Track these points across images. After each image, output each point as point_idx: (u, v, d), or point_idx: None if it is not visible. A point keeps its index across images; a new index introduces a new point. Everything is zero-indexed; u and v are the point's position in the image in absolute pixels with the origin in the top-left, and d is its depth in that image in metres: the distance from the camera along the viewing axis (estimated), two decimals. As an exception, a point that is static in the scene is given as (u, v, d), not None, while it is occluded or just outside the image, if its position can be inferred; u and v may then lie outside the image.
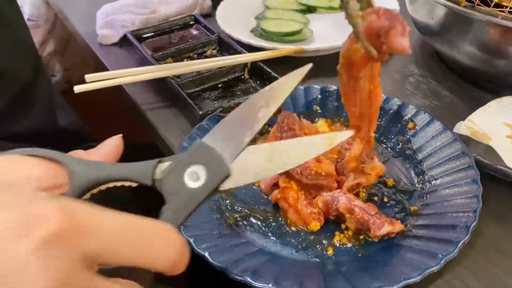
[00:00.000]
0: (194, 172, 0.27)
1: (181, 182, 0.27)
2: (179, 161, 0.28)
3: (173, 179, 0.27)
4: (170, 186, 0.27)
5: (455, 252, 0.35)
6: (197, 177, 0.27)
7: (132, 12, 0.74)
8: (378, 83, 0.39)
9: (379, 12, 0.33)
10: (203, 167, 0.28)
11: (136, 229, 0.22)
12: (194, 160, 0.28)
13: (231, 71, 0.62)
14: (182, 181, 0.27)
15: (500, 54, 0.50)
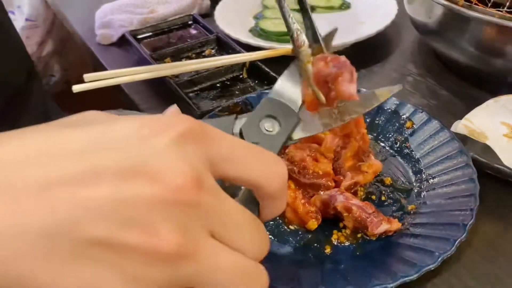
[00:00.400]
0: (269, 123, 0.30)
1: (260, 131, 0.30)
2: (253, 116, 0.30)
3: (252, 130, 0.29)
4: (251, 136, 0.29)
5: (452, 250, 0.35)
6: (272, 127, 0.30)
7: (130, 12, 0.75)
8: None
9: (327, 59, 0.35)
10: (275, 119, 0.30)
11: (250, 145, 0.23)
12: (266, 113, 0.30)
13: (230, 70, 0.62)
14: (260, 131, 0.30)
15: (497, 53, 0.51)
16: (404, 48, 0.68)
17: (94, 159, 0.19)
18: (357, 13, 0.74)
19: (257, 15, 0.75)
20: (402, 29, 0.70)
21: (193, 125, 0.21)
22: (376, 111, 0.51)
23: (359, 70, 0.64)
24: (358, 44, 0.65)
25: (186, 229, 0.19)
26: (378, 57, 0.65)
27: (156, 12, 0.74)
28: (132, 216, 0.18)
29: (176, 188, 0.19)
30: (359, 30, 0.66)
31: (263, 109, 0.31)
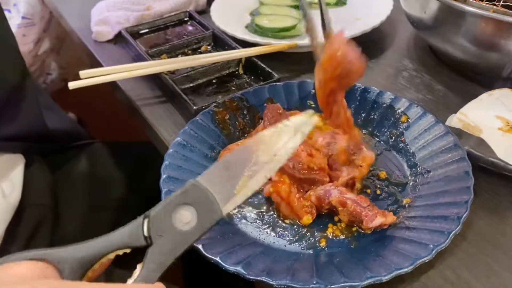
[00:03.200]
0: (184, 214, 0.27)
1: (170, 223, 0.26)
2: (169, 202, 0.27)
3: (161, 219, 0.26)
4: (158, 226, 0.26)
5: (446, 243, 0.36)
6: (187, 219, 0.27)
7: (126, 9, 0.74)
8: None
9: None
10: (194, 209, 0.27)
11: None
12: (184, 201, 0.27)
13: (226, 66, 0.62)
14: (171, 223, 0.26)
15: (492, 47, 0.51)
16: (400, 43, 0.68)
17: None
18: (353, 9, 0.74)
19: (253, 12, 0.75)
20: (398, 24, 0.71)
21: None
22: (371, 106, 0.51)
23: (355, 65, 0.64)
24: (354, 40, 0.64)
25: None
26: (374, 53, 0.65)
27: (152, 9, 0.74)
28: None
29: None
30: (355, 26, 0.66)
31: (183, 195, 0.27)
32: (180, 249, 0.26)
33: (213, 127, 0.50)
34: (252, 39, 0.65)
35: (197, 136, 0.48)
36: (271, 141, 0.31)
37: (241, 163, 0.30)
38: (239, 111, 0.52)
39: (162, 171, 0.43)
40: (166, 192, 0.41)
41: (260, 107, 0.53)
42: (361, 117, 0.51)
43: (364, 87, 0.52)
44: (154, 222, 0.26)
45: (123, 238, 0.26)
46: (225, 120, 0.51)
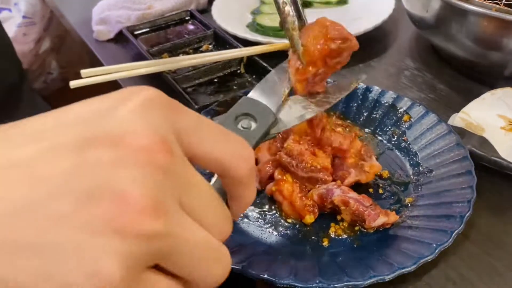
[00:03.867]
0: (245, 121, 0.30)
1: (235, 128, 0.30)
2: (229, 113, 0.30)
3: (227, 126, 0.29)
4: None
5: (449, 242, 0.36)
6: (248, 124, 0.30)
7: (127, 8, 0.74)
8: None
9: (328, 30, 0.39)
10: (252, 117, 0.30)
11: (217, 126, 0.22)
12: (243, 111, 0.30)
13: (227, 65, 0.62)
14: (236, 127, 0.30)
15: (494, 46, 0.51)
16: (402, 42, 0.68)
17: (53, 136, 0.18)
18: (355, 8, 0.74)
19: (254, 11, 0.75)
20: (400, 23, 0.70)
21: (158, 94, 0.20)
22: (373, 105, 0.51)
23: (357, 64, 0.64)
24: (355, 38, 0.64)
25: (157, 195, 0.18)
26: (376, 52, 0.65)
27: (153, 8, 0.74)
28: (97, 185, 0.17)
29: (141, 148, 0.18)
30: (357, 25, 0.66)
31: (240, 107, 0.31)
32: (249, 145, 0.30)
33: (215, 126, 0.49)
34: (254, 38, 0.65)
35: (199, 135, 0.48)
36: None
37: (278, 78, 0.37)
38: (240, 110, 0.52)
39: (164, 170, 0.43)
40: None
41: (261, 106, 0.52)
42: (363, 116, 0.51)
43: (366, 86, 0.52)
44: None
45: None
46: (227, 119, 0.51)
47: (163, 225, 0.18)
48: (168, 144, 0.19)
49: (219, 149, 0.21)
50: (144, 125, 0.18)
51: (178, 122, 0.20)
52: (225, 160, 0.21)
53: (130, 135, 0.18)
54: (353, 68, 0.63)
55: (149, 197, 0.17)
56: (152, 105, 0.19)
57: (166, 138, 0.19)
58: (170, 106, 0.20)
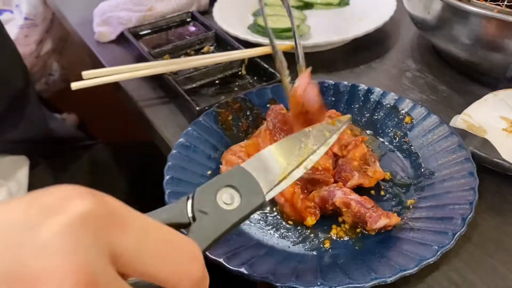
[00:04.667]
0: (228, 194, 0.27)
1: (214, 202, 0.27)
2: (213, 182, 0.27)
3: (205, 198, 0.27)
4: (202, 204, 0.26)
5: (451, 244, 0.35)
6: (230, 200, 0.27)
7: (129, 9, 0.74)
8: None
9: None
10: (237, 191, 0.27)
11: (166, 235, 0.20)
12: (229, 183, 0.27)
13: (228, 67, 0.62)
14: (215, 202, 0.27)
15: (496, 47, 0.51)
16: (403, 44, 0.67)
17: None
18: (356, 10, 0.74)
19: (256, 12, 0.75)
20: (401, 25, 0.70)
21: (96, 205, 0.17)
22: (374, 107, 0.51)
23: (358, 66, 0.64)
24: (357, 40, 0.65)
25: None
26: (377, 53, 0.65)
27: (155, 9, 0.74)
28: None
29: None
30: (358, 27, 0.66)
31: (228, 176, 0.28)
32: (222, 228, 0.26)
33: (216, 128, 0.49)
34: (255, 40, 0.65)
35: (200, 136, 0.48)
36: (312, 136, 0.33)
37: (284, 153, 0.31)
38: (242, 112, 0.52)
39: (165, 172, 0.43)
40: (169, 194, 0.41)
41: (263, 107, 0.52)
42: (365, 118, 0.51)
43: (368, 88, 0.52)
44: (198, 201, 0.27)
45: (168, 215, 0.26)
46: (228, 120, 0.51)
47: None
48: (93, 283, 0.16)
49: (163, 272, 0.19)
50: (66, 261, 0.16)
51: (115, 240, 0.18)
52: (167, 281, 0.19)
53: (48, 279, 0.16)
54: (355, 69, 0.63)
55: None
56: (83, 225, 0.17)
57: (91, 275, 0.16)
58: (108, 222, 0.18)
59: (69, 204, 0.17)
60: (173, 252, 0.20)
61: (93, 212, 0.17)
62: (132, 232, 0.18)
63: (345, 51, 0.66)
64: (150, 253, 0.19)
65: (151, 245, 0.19)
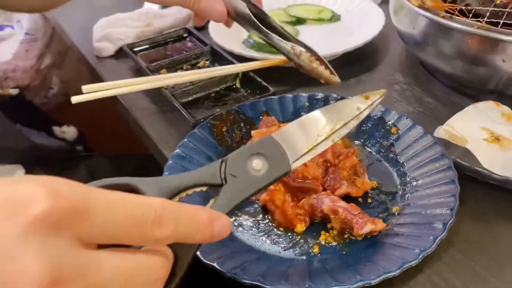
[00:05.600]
0: (258, 162, 0.30)
1: (244, 168, 0.30)
2: (245, 150, 0.30)
3: (237, 164, 0.30)
4: (233, 168, 0.29)
5: (432, 248, 0.37)
6: (259, 167, 0.30)
7: (127, 25, 0.77)
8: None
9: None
10: (266, 159, 0.30)
11: (128, 210, 0.22)
12: (258, 151, 0.30)
13: (223, 80, 0.64)
14: (245, 168, 0.30)
15: (478, 62, 0.53)
16: (392, 57, 0.70)
17: None
18: (347, 25, 0.77)
19: (250, 28, 0.78)
20: (390, 39, 0.73)
21: (55, 203, 0.18)
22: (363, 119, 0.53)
23: (348, 79, 0.66)
24: (347, 54, 0.67)
25: None
26: (367, 67, 0.68)
27: (152, 25, 0.77)
28: None
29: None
30: (349, 41, 0.69)
31: (259, 145, 0.31)
32: (249, 192, 0.30)
33: (211, 139, 0.51)
34: (249, 54, 0.67)
35: (196, 147, 0.50)
36: (341, 110, 0.36)
37: (314, 125, 0.34)
38: (236, 124, 0.54)
39: (161, 181, 0.45)
40: (166, 202, 0.43)
41: (256, 119, 0.55)
42: (354, 129, 0.53)
43: (356, 100, 0.54)
44: (230, 165, 0.30)
45: (202, 176, 0.29)
46: (223, 132, 0.53)
47: None
48: (60, 279, 0.18)
49: (131, 239, 0.22)
50: (30, 262, 0.17)
51: (79, 232, 0.19)
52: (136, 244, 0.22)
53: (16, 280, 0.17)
54: (346, 82, 0.65)
55: None
56: (45, 222, 0.18)
57: (55, 272, 0.18)
58: (69, 215, 0.19)
59: (29, 205, 0.18)
60: (136, 225, 0.22)
61: (54, 209, 0.18)
62: (95, 218, 0.20)
63: (336, 64, 0.68)
64: (115, 230, 0.21)
65: (116, 223, 0.21)
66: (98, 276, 0.20)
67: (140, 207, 0.22)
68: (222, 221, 0.26)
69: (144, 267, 0.22)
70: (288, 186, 0.44)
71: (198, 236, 0.25)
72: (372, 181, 0.47)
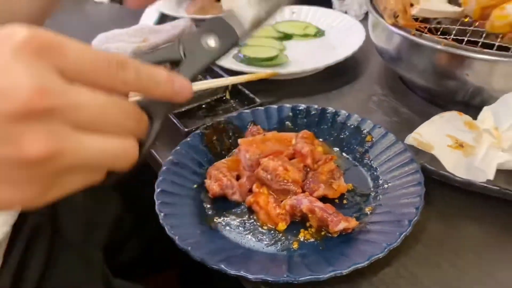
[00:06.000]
0: (210, 39, 0.35)
1: (199, 44, 0.34)
2: (197, 31, 0.35)
3: (193, 41, 0.34)
4: (190, 46, 0.34)
5: (398, 242, 0.42)
6: (211, 43, 0.35)
7: (124, 40, 0.82)
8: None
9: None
10: (217, 36, 0.35)
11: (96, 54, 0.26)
12: (210, 29, 0.35)
13: (214, 93, 0.69)
14: (200, 44, 0.34)
15: (446, 75, 0.58)
16: (371, 71, 0.75)
17: None
18: (330, 39, 0.82)
19: (240, 43, 0.83)
20: (370, 54, 0.78)
21: (34, 34, 0.22)
22: (341, 127, 0.58)
23: (330, 91, 0.71)
24: (330, 68, 0.72)
25: (48, 133, 0.22)
26: (348, 80, 0.73)
27: (148, 40, 0.82)
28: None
29: (23, 102, 0.21)
30: (331, 55, 0.74)
31: (210, 25, 0.35)
32: (205, 61, 0.34)
33: (202, 147, 0.56)
34: (238, 68, 0.72)
35: (188, 155, 0.54)
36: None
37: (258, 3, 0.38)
38: (225, 133, 0.59)
39: (156, 186, 0.49)
40: (160, 204, 0.47)
41: (244, 128, 0.59)
42: (333, 137, 0.58)
43: (335, 111, 0.59)
44: (187, 43, 0.34)
45: (164, 55, 0.34)
46: (213, 140, 0.57)
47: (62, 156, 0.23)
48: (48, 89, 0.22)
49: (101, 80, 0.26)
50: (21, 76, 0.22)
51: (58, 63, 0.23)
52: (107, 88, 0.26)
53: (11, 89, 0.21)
54: (328, 94, 0.70)
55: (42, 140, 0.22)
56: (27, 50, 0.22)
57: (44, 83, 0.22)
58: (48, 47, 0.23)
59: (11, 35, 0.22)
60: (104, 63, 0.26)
61: (34, 39, 0.22)
62: (69, 53, 0.24)
63: (319, 77, 0.74)
64: (87, 67, 0.25)
65: (87, 60, 0.25)
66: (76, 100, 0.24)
67: (105, 53, 0.27)
68: (182, 81, 0.30)
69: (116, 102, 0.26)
70: (271, 188, 0.49)
71: (160, 90, 0.29)
72: (348, 184, 0.51)
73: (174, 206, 0.48)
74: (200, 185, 0.52)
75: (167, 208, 0.47)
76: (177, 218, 0.46)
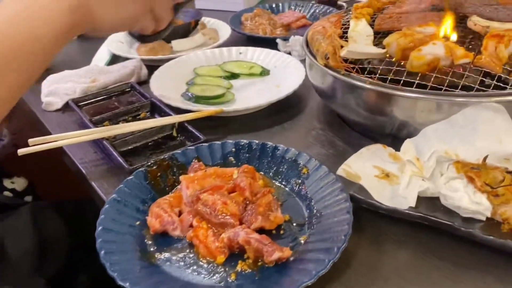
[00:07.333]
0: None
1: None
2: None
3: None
4: None
5: (326, 269, 0.44)
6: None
7: (74, 81, 0.84)
8: None
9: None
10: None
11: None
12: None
13: (161, 130, 0.71)
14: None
15: (375, 111, 0.63)
16: (311, 107, 0.80)
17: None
18: (275, 78, 0.87)
19: (189, 82, 0.86)
20: (310, 91, 0.83)
21: None
22: (280, 161, 0.61)
23: (273, 127, 0.75)
24: (272, 104, 0.76)
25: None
26: (290, 115, 0.77)
27: (98, 81, 0.84)
28: None
29: None
30: (275, 93, 0.78)
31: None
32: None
33: (145, 184, 0.58)
34: (185, 107, 0.75)
35: (131, 192, 0.56)
36: None
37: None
38: (169, 169, 0.61)
39: (98, 224, 0.51)
40: (101, 242, 0.48)
41: (188, 164, 0.62)
42: (273, 170, 0.61)
43: (275, 145, 0.62)
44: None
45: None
46: (157, 177, 0.59)
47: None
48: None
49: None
50: None
51: None
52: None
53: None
54: (270, 129, 0.74)
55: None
56: None
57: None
58: None
59: None
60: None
61: None
62: None
63: (263, 114, 0.77)
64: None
65: None
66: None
67: None
68: None
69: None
70: (211, 222, 0.51)
71: None
72: (285, 215, 0.54)
73: (115, 244, 0.49)
74: (142, 222, 0.53)
75: (107, 245, 0.48)
76: (117, 255, 0.48)
